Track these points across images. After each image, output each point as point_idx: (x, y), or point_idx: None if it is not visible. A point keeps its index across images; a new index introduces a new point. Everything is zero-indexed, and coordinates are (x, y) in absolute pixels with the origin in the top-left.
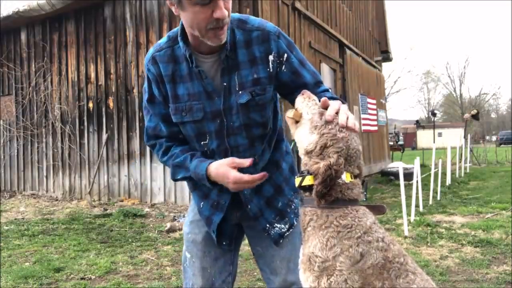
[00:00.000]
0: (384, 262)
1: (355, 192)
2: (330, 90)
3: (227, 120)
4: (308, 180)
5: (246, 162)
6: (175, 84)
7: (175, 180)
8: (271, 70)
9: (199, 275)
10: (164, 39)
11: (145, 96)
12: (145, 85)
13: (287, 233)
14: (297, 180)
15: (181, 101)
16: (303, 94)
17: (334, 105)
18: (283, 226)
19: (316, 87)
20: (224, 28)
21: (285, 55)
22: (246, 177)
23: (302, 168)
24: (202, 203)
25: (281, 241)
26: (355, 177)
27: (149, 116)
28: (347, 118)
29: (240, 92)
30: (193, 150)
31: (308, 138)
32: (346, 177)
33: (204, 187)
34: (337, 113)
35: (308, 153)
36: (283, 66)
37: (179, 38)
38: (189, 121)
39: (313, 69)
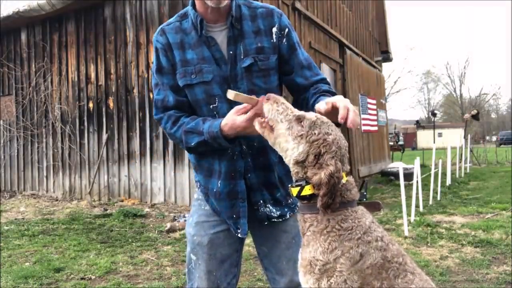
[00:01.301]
0: (383, 262)
1: (353, 193)
2: (326, 78)
3: (233, 87)
4: (307, 190)
5: (249, 104)
6: (184, 50)
7: (189, 148)
8: (274, 41)
9: (204, 278)
10: (173, 17)
11: (154, 68)
12: (154, 59)
13: (275, 219)
14: (294, 191)
15: (191, 64)
16: (268, 99)
17: (343, 103)
18: (274, 210)
19: (310, 73)
20: None
21: (287, 30)
22: (243, 117)
23: (294, 177)
24: (220, 181)
25: (265, 222)
26: (347, 174)
27: (157, 89)
28: (354, 118)
29: (244, 58)
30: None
31: (295, 148)
32: (343, 178)
33: (215, 166)
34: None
35: (299, 163)
36: (284, 39)
37: (189, 8)
38: (198, 83)
39: (307, 55)
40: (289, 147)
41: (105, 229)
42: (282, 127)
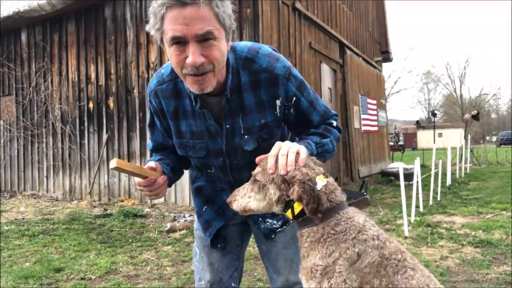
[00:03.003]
0: (380, 260)
1: (338, 194)
2: (332, 123)
3: (230, 160)
4: (297, 207)
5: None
6: (177, 120)
7: None
8: (278, 115)
9: (207, 270)
10: (167, 69)
11: (148, 120)
12: (148, 111)
13: (280, 229)
14: (289, 214)
15: (185, 137)
16: (230, 202)
17: (272, 152)
18: (275, 222)
19: (319, 123)
20: (204, 76)
21: (294, 99)
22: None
23: (278, 211)
24: (205, 207)
25: (273, 236)
26: (324, 175)
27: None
28: (286, 161)
29: (246, 136)
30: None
31: (270, 196)
32: (320, 180)
33: (209, 190)
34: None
35: (279, 200)
36: (291, 109)
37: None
38: (193, 156)
39: (323, 109)
40: (268, 202)
41: (105, 229)
42: (252, 201)
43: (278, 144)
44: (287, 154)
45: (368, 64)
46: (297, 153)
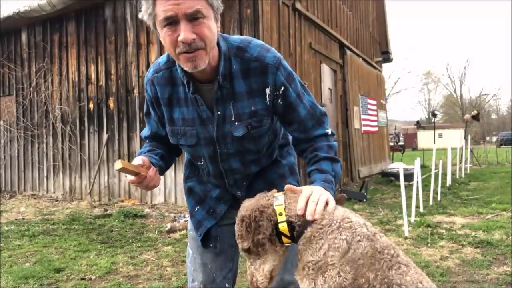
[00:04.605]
0: (373, 252)
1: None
2: (328, 133)
3: (220, 148)
4: (282, 227)
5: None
6: (171, 107)
7: None
8: (268, 103)
9: (200, 271)
10: (163, 58)
11: (144, 109)
12: (145, 101)
13: None
14: (286, 240)
15: (176, 124)
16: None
17: (303, 194)
18: None
19: (310, 126)
20: (196, 53)
21: (282, 88)
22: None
23: (279, 249)
24: (198, 207)
25: None
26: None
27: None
28: (315, 208)
29: (236, 123)
30: (160, 150)
31: (263, 243)
32: (277, 197)
33: (200, 191)
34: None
35: (266, 240)
36: (279, 99)
37: (177, 64)
38: (184, 145)
39: (310, 103)
40: (272, 250)
41: (105, 230)
42: (264, 265)
43: (310, 187)
44: (317, 201)
45: (368, 64)
46: (327, 203)
